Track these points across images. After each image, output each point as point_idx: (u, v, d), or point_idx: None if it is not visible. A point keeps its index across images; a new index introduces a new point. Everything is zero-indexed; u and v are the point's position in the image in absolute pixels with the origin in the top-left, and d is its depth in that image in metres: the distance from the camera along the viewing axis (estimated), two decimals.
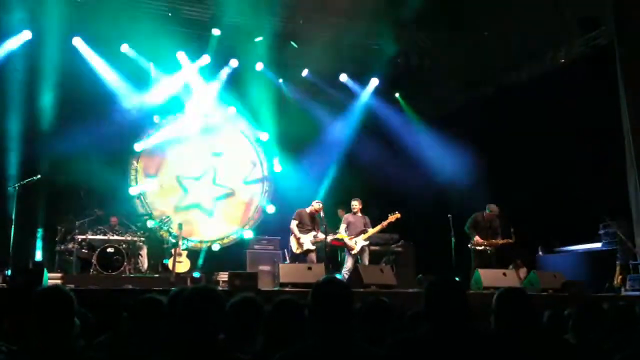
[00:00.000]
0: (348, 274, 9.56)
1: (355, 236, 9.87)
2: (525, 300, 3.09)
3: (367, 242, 9.94)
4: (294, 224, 9.98)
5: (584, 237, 11.08)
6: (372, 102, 13.48)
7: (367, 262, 9.82)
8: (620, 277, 9.77)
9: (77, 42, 11.48)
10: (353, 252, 9.81)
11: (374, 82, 13.38)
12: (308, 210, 10.10)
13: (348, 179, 12.68)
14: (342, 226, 10.08)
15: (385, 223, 10.04)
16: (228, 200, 13.37)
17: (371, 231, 9.98)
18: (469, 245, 10.10)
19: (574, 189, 10.64)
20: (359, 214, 10.13)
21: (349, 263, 9.82)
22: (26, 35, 10.94)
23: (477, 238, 10.02)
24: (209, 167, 13.28)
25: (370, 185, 12.54)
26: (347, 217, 10.17)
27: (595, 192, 10.22)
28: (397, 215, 10.00)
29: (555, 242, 11.69)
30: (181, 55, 12.29)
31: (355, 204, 10.14)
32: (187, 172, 13.08)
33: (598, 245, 10.81)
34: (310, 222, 10.02)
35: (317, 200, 10.23)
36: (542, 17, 10.79)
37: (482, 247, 9.99)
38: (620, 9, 10.04)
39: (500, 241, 9.99)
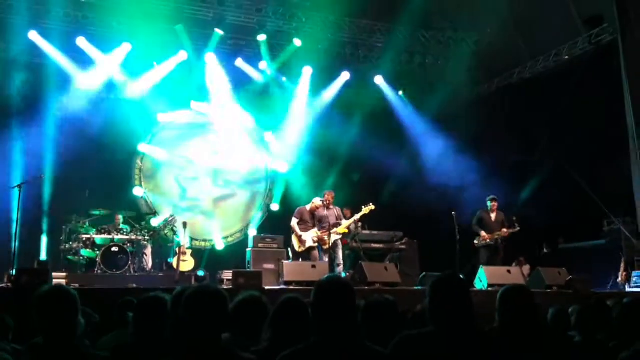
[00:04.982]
0: (349, 273, 9.50)
1: (327, 230, 9.60)
2: (528, 298, 3.08)
3: (340, 236, 9.76)
4: (294, 222, 9.89)
5: (588, 234, 11.05)
6: (376, 100, 13.44)
7: (340, 258, 9.65)
8: (624, 273, 9.76)
9: (81, 41, 11.48)
10: (325, 247, 9.61)
11: (378, 79, 13.37)
12: (309, 207, 10.02)
13: (351, 178, 12.65)
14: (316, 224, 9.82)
15: (357, 216, 9.86)
16: (228, 201, 13.28)
17: (345, 223, 9.84)
18: (475, 242, 10.12)
19: (578, 185, 10.62)
20: (331, 207, 9.85)
21: (324, 259, 9.57)
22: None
23: (482, 233, 10.07)
24: (209, 167, 13.15)
25: (373, 183, 12.52)
26: (319, 211, 9.82)
27: (599, 189, 10.20)
28: (371, 207, 9.74)
29: (559, 239, 11.68)
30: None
31: (328, 197, 9.85)
32: (186, 173, 12.95)
33: (602, 242, 10.78)
34: (311, 220, 9.92)
35: (318, 198, 10.15)
36: (545, 14, 10.78)
37: (488, 242, 9.99)
38: (624, 5, 10.01)
39: (506, 231, 10.00)
